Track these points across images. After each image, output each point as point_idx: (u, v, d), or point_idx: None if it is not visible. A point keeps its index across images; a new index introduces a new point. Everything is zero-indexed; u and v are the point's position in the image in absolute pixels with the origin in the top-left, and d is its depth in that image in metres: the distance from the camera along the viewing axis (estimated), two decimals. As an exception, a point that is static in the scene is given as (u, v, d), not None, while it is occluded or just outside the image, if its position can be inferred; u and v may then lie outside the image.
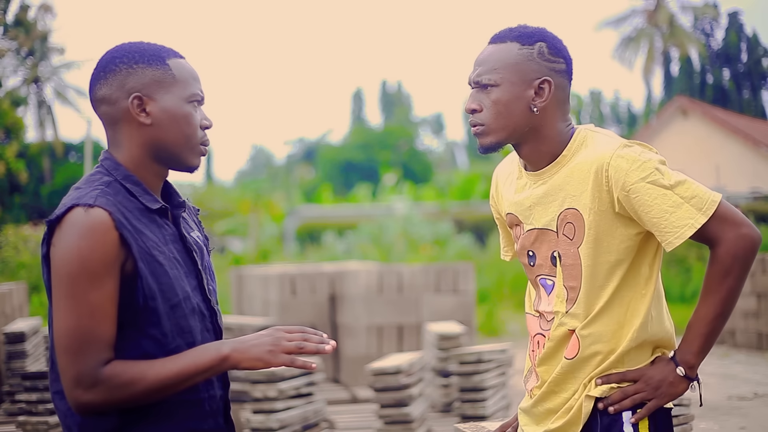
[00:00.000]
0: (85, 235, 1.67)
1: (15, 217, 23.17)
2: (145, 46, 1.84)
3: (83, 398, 1.68)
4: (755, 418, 6.30)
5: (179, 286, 1.80)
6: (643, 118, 37.12)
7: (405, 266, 8.87)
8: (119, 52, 1.83)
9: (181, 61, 1.85)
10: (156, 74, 1.81)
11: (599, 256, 1.94)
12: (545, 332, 2.03)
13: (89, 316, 1.67)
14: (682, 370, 1.93)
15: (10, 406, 5.28)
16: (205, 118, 1.86)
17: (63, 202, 1.75)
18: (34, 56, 31.88)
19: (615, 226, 1.93)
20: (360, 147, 44.75)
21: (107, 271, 1.68)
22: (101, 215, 1.70)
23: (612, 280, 1.94)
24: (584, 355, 1.97)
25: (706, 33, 36.78)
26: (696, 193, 1.87)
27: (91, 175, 1.82)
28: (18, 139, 17.93)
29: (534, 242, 2.03)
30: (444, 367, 5.88)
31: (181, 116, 1.81)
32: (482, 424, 2.42)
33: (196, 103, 1.84)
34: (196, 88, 1.84)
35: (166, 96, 1.81)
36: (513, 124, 1.97)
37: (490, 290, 14.63)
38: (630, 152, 1.90)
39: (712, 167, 25.52)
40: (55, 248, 1.70)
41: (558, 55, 1.99)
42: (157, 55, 1.82)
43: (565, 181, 1.96)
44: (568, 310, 1.98)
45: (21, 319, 6.74)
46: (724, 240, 1.87)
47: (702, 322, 1.91)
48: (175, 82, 1.81)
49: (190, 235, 1.92)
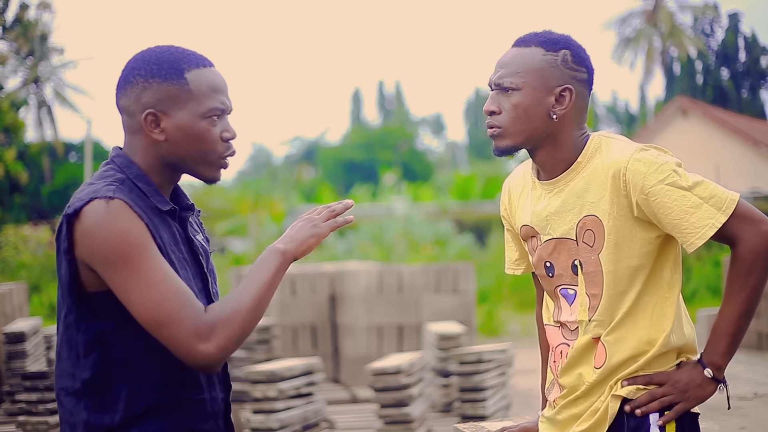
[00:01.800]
0: (118, 218, 1.66)
1: (15, 217, 23.17)
2: (165, 57, 1.78)
3: (210, 349, 1.66)
4: (755, 418, 6.30)
5: (190, 287, 1.79)
6: (639, 119, 37.13)
7: (405, 266, 8.87)
8: (139, 62, 1.79)
9: (202, 72, 1.79)
10: (171, 90, 1.76)
11: (620, 262, 1.93)
12: (570, 341, 2.01)
13: (165, 279, 1.66)
14: (710, 371, 1.91)
15: (10, 406, 5.28)
16: (226, 130, 1.81)
17: (79, 196, 1.72)
18: (33, 56, 31.87)
19: (634, 231, 1.92)
20: (360, 147, 44.76)
21: (151, 243, 1.69)
22: (123, 205, 1.69)
23: (634, 285, 1.94)
24: (612, 362, 1.95)
25: (705, 33, 36.79)
26: (714, 193, 1.88)
27: (103, 171, 1.80)
28: (18, 140, 17.94)
29: (552, 252, 2.01)
30: (444, 367, 5.88)
31: (195, 133, 1.78)
32: (482, 424, 2.42)
33: (215, 117, 1.79)
34: (216, 101, 1.78)
35: (180, 112, 1.77)
36: (531, 129, 1.96)
37: (490, 290, 14.64)
38: (647, 155, 1.90)
39: (712, 167, 25.51)
40: (92, 241, 1.66)
41: (581, 64, 1.98)
42: (175, 67, 1.77)
43: (583, 188, 1.95)
44: (591, 318, 1.96)
45: (21, 319, 6.75)
46: (745, 238, 1.87)
47: (727, 322, 1.90)
48: (191, 98, 1.76)
49: (196, 238, 1.91)
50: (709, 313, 9.26)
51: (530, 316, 13.55)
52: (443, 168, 47.63)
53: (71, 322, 1.76)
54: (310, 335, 7.93)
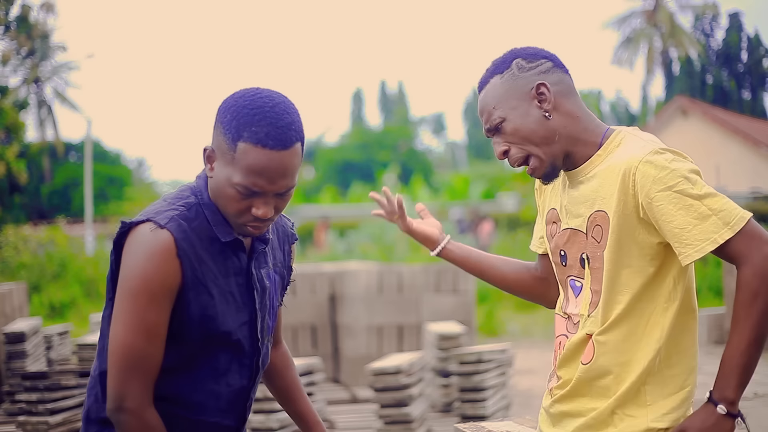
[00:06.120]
0: (151, 258, 1.74)
1: (15, 217, 23.16)
2: (242, 113, 1.76)
3: (114, 415, 1.77)
4: (755, 418, 6.29)
5: (222, 320, 1.84)
6: (640, 118, 37.13)
7: (405, 266, 8.87)
8: (229, 102, 1.80)
9: (254, 150, 1.73)
10: (223, 145, 1.78)
11: (619, 261, 1.89)
12: (570, 334, 2.01)
13: (144, 337, 1.75)
14: (723, 408, 1.80)
15: (10, 406, 5.28)
16: (258, 207, 1.78)
17: (145, 210, 1.83)
18: (34, 56, 31.87)
19: (637, 232, 1.88)
20: (359, 147, 44.76)
21: (165, 295, 1.76)
22: (166, 240, 1.76)
23: (631, 287, 1.89)
24: (598, 363, 1.92)
25: (706, 33, 36.79)
26: (725, 207, 1.79)
27: (181, 191, 1.88)
28: (18, 140, 17.94)
29: (566, 242, 2.01)
30: (444, 367, 5.87)
31: (223, 193, 1.80)
32: (482, 424, 2.42)
33: (242, 194, 1.78)
34: (248, 181, 1.75)
35: (221, 167, 1.79)
36: (541, 139, 1.95)
37: (490, 290, 14.62)
38: (660, 158, 1.84)
39: (712, 167, 25.51)
40: (124, 261, 1.78)
41: (536, 58, 1.98)
42: (236, 130, 1.75)
43: (598, 182, 1.92)
44: (590, 314, 1.95)
45: (21, 319, 6.74)
46: (751, 259, 1.77)
47: (737, 352, 1.79)
48: (232, 162, 1.76)
49: (260, 270, 1.93)
50: (709, 313, 9.25)
51: (530, 316, 13.54)
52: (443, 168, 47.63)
53: (106, 316, 1.87)
54: (310, 335, 7.93)
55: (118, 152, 38.60)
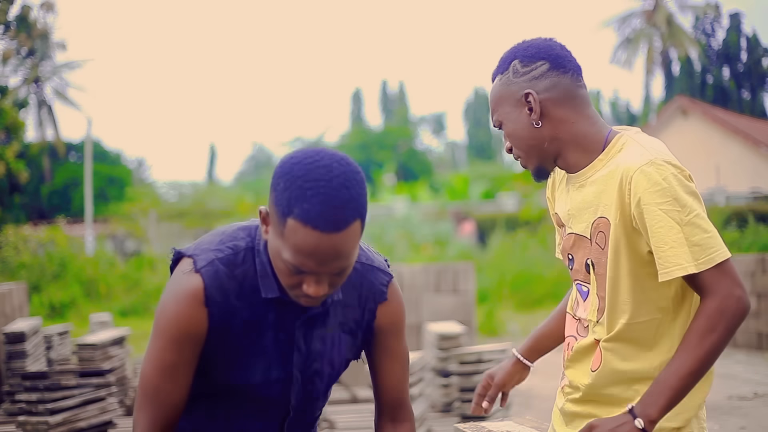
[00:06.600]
0: (178, 301, 1.69)
1: (15, 217, 23.18)
2: (295, 185, 1.55)
3: None
4: (755, 418, 6.30)
5: (245, 373, 1.76)
6: (641, 118, 37.12)
7: (405, 266, 8.86)
8: (282, 169, 1.59)
9: (302, 229, 1.54)
10: (274, 215, 1.60)
11: (620, 269, 1.88)
12: (579, 337, 2.00)
13: (160, 373, 1.71)
14: (641, 422, 1.76)
15: (10, 406, 5.28)
16: (309, 285, 1.62)
17: (197, 242, 1.77)
18: (34, 56, 31.88)
19: (633, 240, 1.86)
20: (359, 147, 44.80)
21: (188, 339, 1.70)
22: (196, 287, 1.68)
23: (635, 296, 1.88)
24: (606, 370, 1.92)
25: (706, 33, 36.79)
26: (702, 243, 1.78)
27: (239, 229, 1.76)
28: (18, 139, 17.95)
29: (573, 246, 2.01)
30: (444, 367, 5.87)
31: (274, 261, 1.65)
32: (482, 424, 2.41)
33: (292, 271, 1.62)
34: (295, 259, 1.58)
35: (273, 236, 1.62)
36: (529, 146, 1.96)
37: (490, 290, 14.63)
38: (654, 171, 1.81)
39: (712, 167, 25.51)
40: (163, 292, 1.74)
41: (532, 61, 1.95)
42: (286, 204, 1.55)
43: (600, 188, 1.91)
44: (598, 320, 1.94)
45: (21, 319, 6.74)
46: (717, 295, 1.78)
47: (675, 375, 1.77)
48: (281, 236, 1.59)
49: (313, 330, 1.79)
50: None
51: (530, 316, 13.54)
52: (444, 168, 47.64)
53: None
54: (310, 335, 7.93)
55: (118, 152, 38.61)
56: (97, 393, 4.75)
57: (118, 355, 6.01)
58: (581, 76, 1.97)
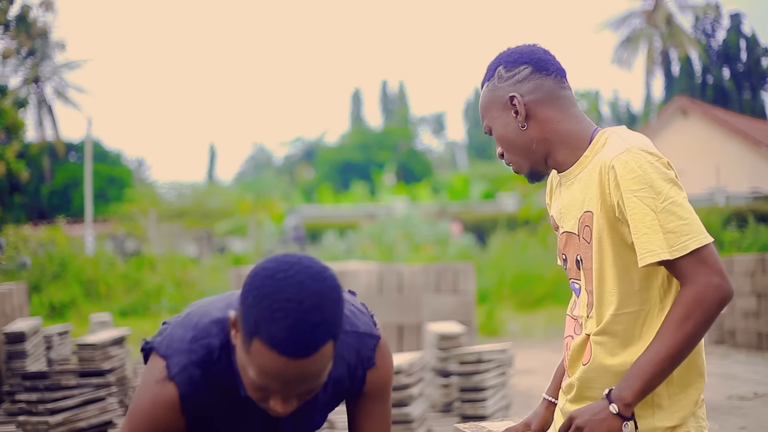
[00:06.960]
0: (156, 407, 1.63)
1: (15, 217, 23.19)
2: (263, 305, 1.46)
3: None
4: (755, 418, 6.30)
5: None
6: (642, 118, 37.13)
7: (405, 266, 8.86)
8: (252, 280, 1.50)
9: (267, 352, 1.45)
10: (241, 328, 1.51)
11: (603, 260, 1.90)
12: (575, 336, 2.02)
13: None
14: (615, 407, 1.78)
15: (10, 406, 5.28)
16: (276, 403, 1.54)
17: (166, 336, 1.68)
18: (34, 56, 31.88)
19: (614, 230, 1.88)
20: (359, 147, 44.80)
21: None
22: (171, 396, 1.62)
23: (620, 286, 1.89)
24: (595, 363, 1.93)
25: (706, 33, 36.79)
26: (676, 230, 1.79)
27: (212, 322, 1.67)
28: (18, 139, 17.96)
29: (565, 245, 2.03)
30: (444, 367, 5.88)
31: (241, 371, 1.56)
32: (482, 424, 2.42)
33: (258, 388, 1.55)
34: (262, 382, 1.50)
35: (240, 347, 1.53)
36: (519, 149, 2.01)
37: (490, 290, 14.64)
38: (630, 159, 1.84)
39: (712, 167, 25.52)
40: (138, 387, 1.68)
41: (516, 65, 2.01)
42: (254, 323, 1.46)
43: (585, 183, 1.94)
44: (589, 315, 1.96)
45: (21, 319, 6.74)
46: (696, 283, 1.78)
47: (651, 361, 1.78)
48: (247, 353, 1.50)
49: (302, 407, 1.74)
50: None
51: (530, 316, 13.55)
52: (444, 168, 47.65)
53: None
54: (310, 335, 7.93)
55: (118, 152, 38.64)
56: (97, 393, 4.75)
57: (118, 355, 6.01)
58: (565, 78, 2.02)
